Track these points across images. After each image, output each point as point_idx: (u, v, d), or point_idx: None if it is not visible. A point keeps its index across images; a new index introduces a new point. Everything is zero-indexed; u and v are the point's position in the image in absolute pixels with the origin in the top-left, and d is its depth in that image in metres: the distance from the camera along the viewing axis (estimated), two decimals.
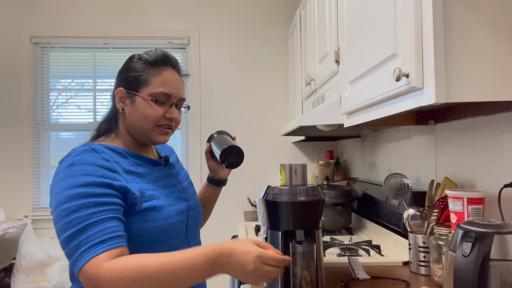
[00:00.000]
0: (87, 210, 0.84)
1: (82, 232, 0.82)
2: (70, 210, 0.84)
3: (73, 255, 0.81)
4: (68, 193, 0.85)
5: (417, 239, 1.20)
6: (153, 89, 1.01)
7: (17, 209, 2.87)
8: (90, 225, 0.83)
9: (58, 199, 0.86)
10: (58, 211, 0.85)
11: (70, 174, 0.88)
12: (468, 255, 0.74)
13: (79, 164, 0.90)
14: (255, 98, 3.02)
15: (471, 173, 1.22)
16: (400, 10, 0.89)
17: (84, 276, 0.79)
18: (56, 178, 0.90)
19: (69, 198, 0.85)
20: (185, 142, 3.03)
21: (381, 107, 1.03)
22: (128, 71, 1.04)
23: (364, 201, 2.01)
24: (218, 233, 2.94)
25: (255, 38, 3.02)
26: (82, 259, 0.80)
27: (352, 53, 1.24)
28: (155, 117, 1.01)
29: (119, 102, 1.03)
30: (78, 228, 0.82)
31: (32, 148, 2.90)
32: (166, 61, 1.04)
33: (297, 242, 1.00)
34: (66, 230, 0.83)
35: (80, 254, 0.80)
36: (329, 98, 1.70)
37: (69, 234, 0.82)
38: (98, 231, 0.83)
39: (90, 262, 0.79)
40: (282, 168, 1.12)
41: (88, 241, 0.81)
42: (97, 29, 2.95)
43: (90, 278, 0.79)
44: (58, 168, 0.93)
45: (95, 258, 0.80)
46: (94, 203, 0.85)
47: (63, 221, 0.83)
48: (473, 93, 0.78)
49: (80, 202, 0.84)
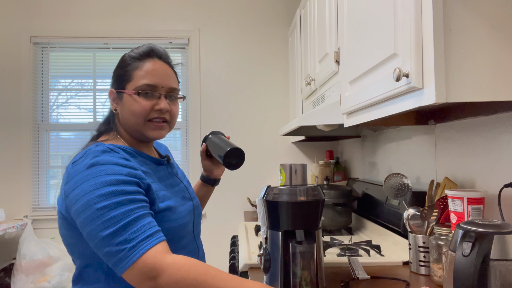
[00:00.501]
0: (125, 207, 0.83)
1: (126, 228, 0.81)
2: (107, 209, 0.82)
3: (121, 252, 0.79)
4: (100, 192, 0.83)
5: (417, 239, 1.20)
6: (136, 82, 0.97)
7: (17, 209, 2.87)
8: (132, 221, 0.82)
9: (89, 199, 0.83)
10: (92, 211, 0.82)
11: (95, 174, 0.85)
12: (468, 255, 0.74)
13: (102, 164, 0.87)
14: (255, 98, 3.02)
15: (471, 173, 1.22)
16: (400, 10, 0.89)
17: (143, 267, 0.78)
18: (76, 179, 0.86)
19: (103, 197, 0.82)
20: (185, 142, 3.03)
21: (381, 107, 1.03)
22: (116, 70, 1.04)
23: (364, 201, 2.01)
24: (218, 233, 2.94)
25: (255, 38, 3.02)
26: (137, 251, 0.79)
27: (352, 53, 1.24)
28: (143, 111, 0.97)
29: (112, 103, 1.03)
30: (120, 225, 0.81)
31: (32, 148, 2.90)
32: (150, 53, 1.01)
33: (297, 242, 1.00)
34: (107, 228, 0.80)
35: (133, 248, 0.79)
36: (329, 98, 1.70)
37: (111, 231, 0.80)
38: (142, 226, 0.82)
39: (150, 253, 0.79)
40: (282, 168, 1.12)
41: (136, 235, 0.80)
42: (97, 29, 2.95)
43: (151, 267, 0.78)
44: (74, 169, 0.89)
45: (154, 248, 0.80)
46: (129, 200, 0.84)
47: (101, 220, 0.81)
48: (473, 93, 0.78)
49: (115, 200, 0.83)
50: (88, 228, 0.82)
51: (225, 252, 2.93)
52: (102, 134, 1.07)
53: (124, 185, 0.85)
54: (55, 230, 2.86)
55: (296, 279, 1.00)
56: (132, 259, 0.79)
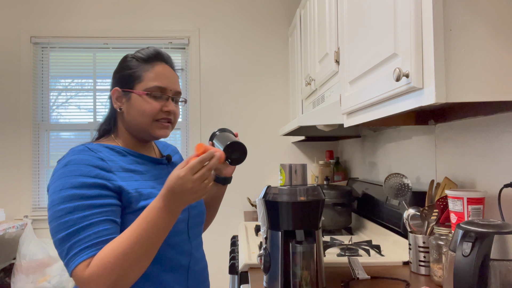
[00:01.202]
0: (80, 213, 0.85)
1: (74, 235, 0.84)
2: (63, 211, 0.85)
3: (65, 258, 0.84)
4: (63, 194, 0.87)
5: (417, 239, 1.20)
6: (147, 84, 1.01)
7: (17, 209, 2.87)
8: (81, 229, 0.84)
9: (52, 199, 0.88)
10: (53, 211, 0.87)
11: (65, 174, 0.90)
12: (468, 255, 0.74)
13: (74, 164, 0.91)
14: (255, 98, 3.02)
15: (471, 173, 1.22)
16: (400, 10, 0.89)
17: (76, 278, 0.83)
18: (53, 177, 0.92)
19: (63, 199, 0.86)
20: (185, 142, 3.03)
21: (381, 107, 1.03)
22: (121, 70, 1.05)
23: (364, 201, 2.01)
24: (218, 233, 2.94)
25: (255, 38, 3.02)
26: (71, 263, 0.83)
27: (352, 53, 1.24)
28: (152, 112, 1.00)
29: (116, 102, 1.04)
30: (70, 230, 0.84)
31: (32, 148, 2.90)
32: (158, 57, 1.05)
33: (297, 242, 1.00)
34: (59, 231, 0.85)
35: (70, 259, 0.83)
36: (329, 98, 1.70)
37: (62, 236, 0.84)
38: (89, 235, 0.84)
39: (78, 268, 0.82)
40: (282, 168, 1.12)
41: (78, 245, 0.83)
42: (97, 29, 2.95)
43: (79, 281, 0.82)
44: (55, 167, 0.95)
45: (82, 263, 0.83)
46: (87, 205, 0.86)
47: (57, 222, 0.86)
48: (473, 93, 0.78)
49: (73, 205, 0.86)
50: (50, 227, 0.88)
51: (225, 252, 2.93)
52: (102, 134, 1.08)
53: (87, 189, 0.88)
54: None
55: (296, 279, 1.00)
56: (70, 268, 0.84)
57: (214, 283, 2.83)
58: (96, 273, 0.81)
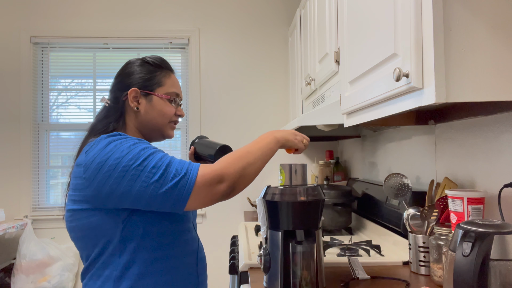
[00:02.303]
0: (158, 154, 0.93)
1: (170, 166, 0.90)
2: (146, 162, 0.90)
3: (179, 182, 0.89)
4: (132, 154, 0.91)
5: (417, 239, 1.20)
6: (167, 89, 1.12)
7: (17, 209, 2.87)
8: (172, 160, 0.92)
9: (124, 164, 0.89)
10: (133, 171, 0.89)
11: (117, 146, 0.92)
12: (468, 255, 0.74)
13: (118, 139, 0.95)
14: (255, 98, 3.02)
15: (471, 173, 1.22)
16: (400, 10, 0.89)
17: (206, 179, 0.90)
18: (98, 159, 0.92)
19: (137, 156, 0.90)
20: (185, 142, 3.03)
21: (381, 107, 1.03)
22: (140, 72, 1.10)
23: (364, 201, 2.01)
24: (218, 233, 2.94)
25: (255, 38, 3.02)
26: (192, 173, 0.90)
27: (352, 53, 1.24)
28: (171, 114, 1.12)
29: (132, 101, 1.08)
30: (164, 166, 0.90)
31: (32, 148, 2.90)
32: (169, 66, 1.16)
33: (297, 242, 1.00)
34: (155, 174, 0.89)
35: (186, 174, 0.90)
36: (329, 98, 1.70)
37: (160, 174, 0.89)
38: (180, 161, 0.93)
39: (202, 170, 0.91)
40: (282, 168, 1.12)
41: (182, 167, 0.91)
42: (97, 29, 2.95)
43: (213, 176, 0.91)
44: (90, 155, 0.93)
45: (202, 166, 0.92)
46: (158, 150, 0.95)
47: (145, 173, 0.89)
48: (473, 93, 0.78)
49: (149, 153, 0.92)
50: (137, 186, 0.89)
51: (225, 252, 2.93)
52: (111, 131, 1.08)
53: (145, 143, 0.96)
54: (55, 230, 2.86)
55: (296, 279, 1.00)
56: (192, 180, 0.89)
57: (214, 283, 2.82)
58: (226, 162, 0.93)
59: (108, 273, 0.95)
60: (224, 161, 0.94)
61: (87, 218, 0.95)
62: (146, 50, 3.02)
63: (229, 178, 0.92)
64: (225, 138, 2.99)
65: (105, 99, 1.12)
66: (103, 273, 0.96)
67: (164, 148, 2.98)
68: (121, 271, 0.95)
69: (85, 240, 0.98)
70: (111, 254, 0.96)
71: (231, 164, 0.94)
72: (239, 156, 0.96)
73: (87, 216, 0.94)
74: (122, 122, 1.09)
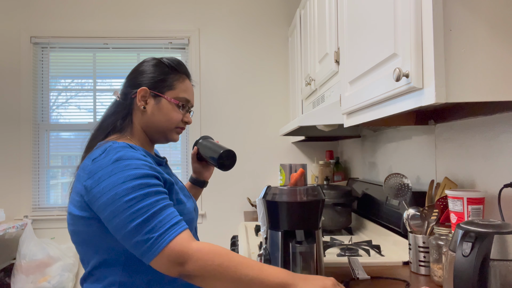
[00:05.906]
0: (151, 199, 0.87)
1: (153, 218, 0.85)
2: (135, 200, 0.86)
3: (150, 240, 0.84)
4: (128, 186, 0.87)
5: (417, 239, 1.20)
6: (178, 93, 1.08)
7: (17, 209, 2.87)
8: (158, 211, 0.86)
9: (116, 192, 0.86)
10: (120, 203, 0.86)
11: (121, 168, 0.89)
12: (468, 255, 0.74)
13: (126, 158, 0.91)
14: (255, 98, 3.02)
15: (471, 173, 1.22)
16: (400, 10, 0.89)
17: (171, 253, 0.83)
18: (100, 174, 0.89)
19: (130, 189, 0.87)
20: (185, 142, 3.03)
21: (381, 107, 1.03)
22: (154, 72, 1.08)
23: (364, 201, 2.01)
24: (218, 233, 2.95)
25: (255, 38, 3.02)
26: (165, 238, 0.84)
27: (352, 53, 1.24)
28: (177, 120, 1.09)
29: (140, 100, 1.06)
30: (148, 215, 0.85)
31: (32, 148, 2.90)
32: (185, 70, 1.13)
33: (297, 242, 1.00)
34: (135, 219, 0.85)
35: (161, 236, 0.84)
36: (329, 98, 1.70)
37: (139, 221, 0.84)
38: (167, 216, 0.87)
39: (177, 240, 0.84)
40: (282, 168, 1.12)
41: (163, 224, 0.85)
42: (97, 29, 2.95)
43: (178, 254, 0.83)
44: (96, 165, 0.91)
45: (180, 236, 0.85)
46: (155, 192, 0.89)
47: (129, 212, 0.85)
48: (473, 93, 0.78)
49: (142, 193, 0.87)
50: (116, 220, 0.86)
51: None
52: (119, 130, 1.07)
53: (148, 179, 0.90)
54: (55, 230, 2.86)
55: None
56: (160, 246, 0.83)
57: None
58: (206, 255, 0.83)
59: (111, 280, 0.94)
60: (207, 250, 0.84)
61: (87, 226, 0.93)
62: (146, 50, 3.02)
63: (192, 268, 0.83)
64: (225, 138, 2.99)
65: (117, 92, 1.11)
66: (105, 279, 0.95)
67: (164, 148, 2.98)
68: (125, 278, 0.94)
69: (86, 247, 0.97)
70: (114, 261, 0.94)
71: (208, 260, 0.83)
72: (226, 262, 0.83)
73: (87, 224, 0.93)
74: (129, 120, 1.07)
